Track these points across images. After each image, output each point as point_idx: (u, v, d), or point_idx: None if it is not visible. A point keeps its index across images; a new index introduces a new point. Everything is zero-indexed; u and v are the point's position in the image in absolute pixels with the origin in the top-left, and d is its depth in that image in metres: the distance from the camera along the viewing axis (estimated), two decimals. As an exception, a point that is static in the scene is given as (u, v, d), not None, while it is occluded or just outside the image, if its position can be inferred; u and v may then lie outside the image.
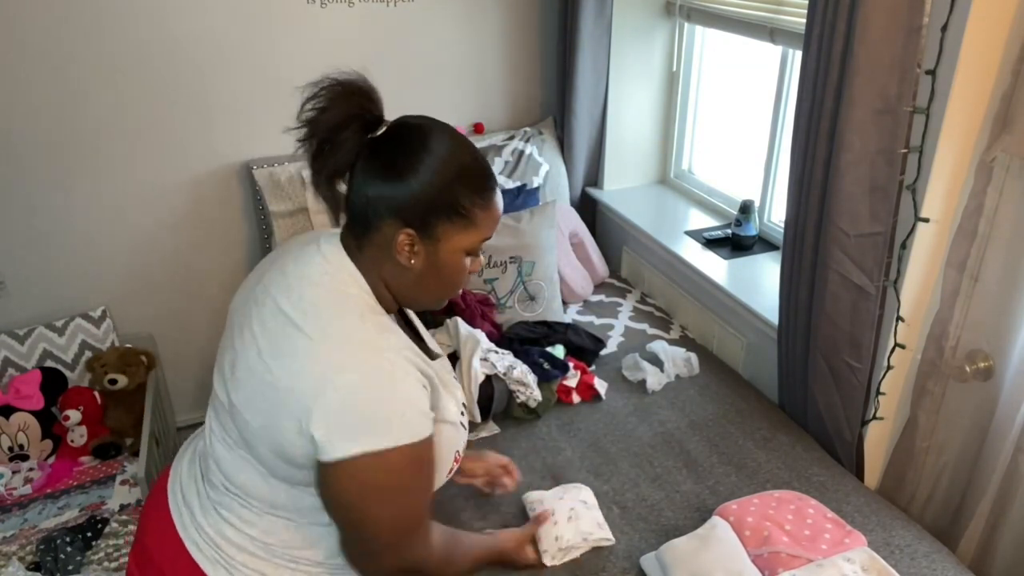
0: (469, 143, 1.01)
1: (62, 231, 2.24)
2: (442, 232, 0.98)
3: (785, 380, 1.91)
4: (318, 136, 0.95)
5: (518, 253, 2.25)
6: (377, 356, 0.93)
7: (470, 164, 0.99)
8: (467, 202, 0.97)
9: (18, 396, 2.06)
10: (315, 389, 0.90)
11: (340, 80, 0.96)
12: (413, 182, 0.94)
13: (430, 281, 1.02)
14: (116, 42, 2.11)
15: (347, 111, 0.95)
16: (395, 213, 0.95)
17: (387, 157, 0.96)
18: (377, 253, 0.99)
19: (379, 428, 0.90)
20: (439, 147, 0.96)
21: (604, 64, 2.52)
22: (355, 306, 0.97)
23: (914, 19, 1.36)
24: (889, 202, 1.50)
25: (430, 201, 0.95)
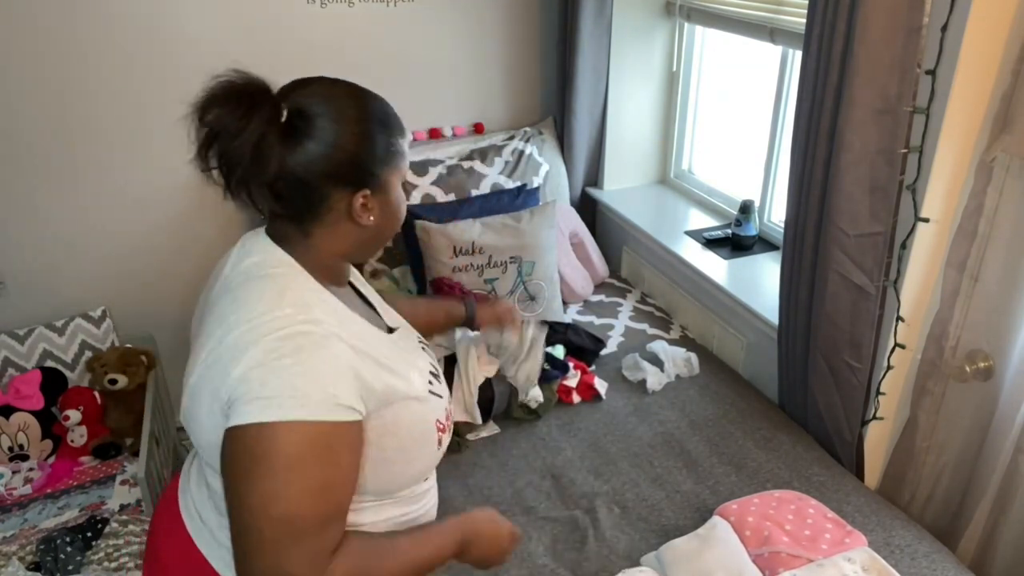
0: (365, 90, 1.00)
1: (62, 231, 2.24)
2: (386, 178, 0.98)
3: (785, 380, 1.91)
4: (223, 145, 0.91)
5: (518, 253, 2.25)
6: (287, 330, 0.87)
7: (384, 108, 0.99)
8: (394, 140, 0.98)
9: (18, 396, 2.06)
10: (222, 372, 0.87)
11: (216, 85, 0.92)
12: (345, 147, 0.93)
13: (387, 225, 1.02)
14: (116, 42, 2.11)
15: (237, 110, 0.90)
16: (340, 183, 0.94)
17: (305, 135, 0.92)
18: (329, 230, 0.97)
19: (269, 398, 0.84)
20: (347, 103, 0.96)
21: (604, 64, 2.52)
22: (274, 284, 0.93)
23: (914, 19, 1.36)
24: (889, 202, 1.50)
25: (368, 155, 0.95)
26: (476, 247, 2.22)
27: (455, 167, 2.46)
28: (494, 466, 1.77)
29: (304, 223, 0.97)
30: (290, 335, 0.87)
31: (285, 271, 0.96)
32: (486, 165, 2.49)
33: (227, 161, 0.92)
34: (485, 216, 2.29)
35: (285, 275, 0.95)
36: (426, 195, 2.41)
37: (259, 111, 0.91)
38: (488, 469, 1.76)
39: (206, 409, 0.90)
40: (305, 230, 0.98)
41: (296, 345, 0.86)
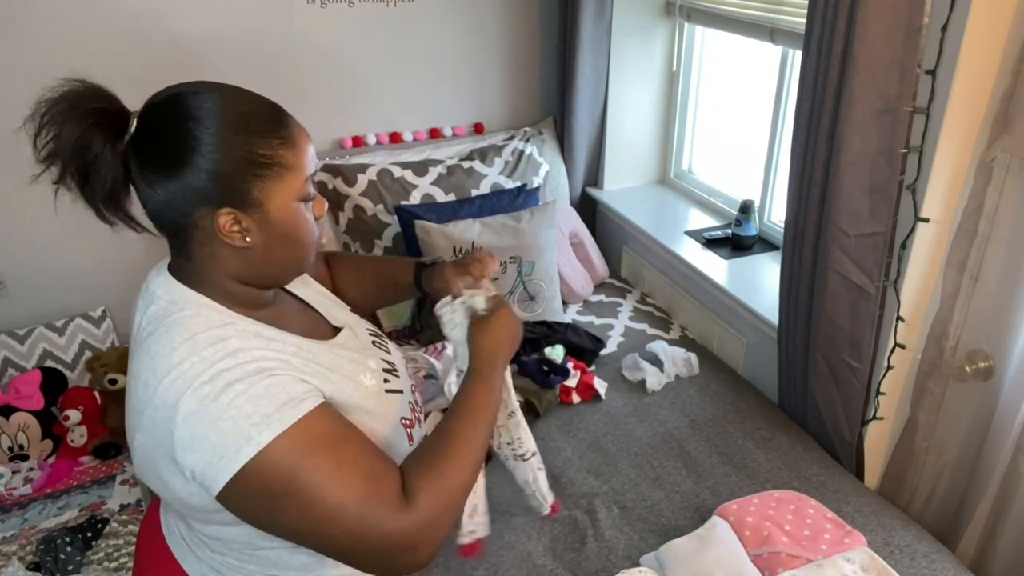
0: (235, 88, 0.88)
1: (62, 231, 2.24)
2: (259, 193, 0.86)
3: (785, 380, 1.91)
4: (72, 166, 0.84)
5: (518, 253, 2.25)
6: (207, 372, 0.82)
7: (247, 110, 0.86)
8: (266, 150, 0.85)
9: (18, 396, 2.05)
10: (167, 435, 0.82)
11: (56, 96, 0.84)
12: (198, 160, 0.82)
13: (279, 249, 0.91)
14: (116, 42, 2.11)
15: (80, 125, 0.83)
16: (200, 202, 0.84)
17: (155, 150, 0.84)
18: (207, 252, 0.89)
19: (235, 441, 0.80)
20: (203, 110, 0.84)
21: (604, 64, 2.52)
22: (185, 329, 0.86)
23: (914, 19, 1.36)
24: (889, 202, 1.50)
25: (228, 169, 0.83)
26: (476, 247, 2.22)
27: (455, 167, 2.46)
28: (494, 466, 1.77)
29: (182, 247, 0.90)
30: (212, 376, 0.82)
31: (192, 312, 0.88)
32: (486, 165, 2.49)
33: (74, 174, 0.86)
34: (485, 216, 2.29)
35: (193, 316, 0.88)
36: (426, 195, 2.41)
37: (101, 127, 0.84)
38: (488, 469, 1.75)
39: (165, 470, 0.85)
40: (185, 254, 0.90)
41: (224, 382, 0.82)
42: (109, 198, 0.87)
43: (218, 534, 0.94)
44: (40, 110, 0.84)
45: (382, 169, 2.39)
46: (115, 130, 0.85)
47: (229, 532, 0.92)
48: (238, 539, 0.93)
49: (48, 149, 0.84)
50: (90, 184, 0.86)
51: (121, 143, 0.85)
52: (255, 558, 0.96)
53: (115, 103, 0.86)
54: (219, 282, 0.91)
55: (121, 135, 0.85)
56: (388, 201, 2.37)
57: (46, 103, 0.84)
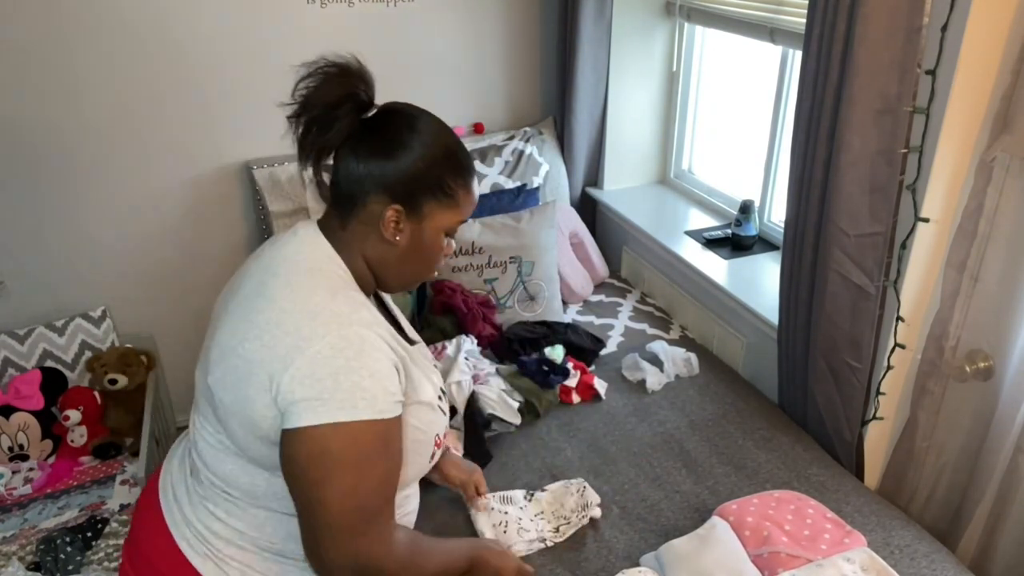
0: (451, 130, 1.06)
1: (62, 231, 2.24)
2: (428, 210, 1.02)
3: (785, 380, 1.91)
4: (310, 113, 0.98)
5: (518, 253, 2.25)
6: (346, 328, 0.93)
7: (455, 147, 1.04)
8: (452, 182, 1.02)
9: (18, 396, 2.06)
10: (283, 359, 0.91)
11: (336, 61, 0.99)
12: (403, 159, 0.98)
13: (411, 259, 1.05)
14: (116, 42, 2.11)
15: (342, 90, 0.98)
16: (383, 189, 0.99)
17: (377, 136, 1.00)
18: (362, 230, 1.02)
19: (343, 400, 0.90)
20: (426, 129, 1.01)
21: (604, 64, 2.52)
22: (327, 280, 0.99)
23: (914, 19, 1.36)
24: (889, 202, 1.50)
25: (418, 178, 0.99)
26: (476, 247, 2.23)
27: (455, 167, 2.46)
28: (494, 466, 1.77)
29: (344, 215, 1.03)
30: (349, 336, 0.93)
31: (333, 269, 1.01)
32: (486, 165, 2.49)
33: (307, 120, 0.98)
34: (485, 216, 2.29)
35: (334, 272, 1.01)
36: (426, 195, 2.41)
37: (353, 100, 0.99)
38: (488, 469, 1.76)
39: (257, 387, 0.93)
40: (343, 222, 1.03)
41: (358, 346, 0.93)
42: (320, 152, 1.01)
43: (231, 474, 1.01)
44: (319, 63, 0.98)
45: (382, 169, 2.39)
46: (360, 107, 1.01)
47: (243, 476, 1.00)
48: (246, 486, 1.00)
49: (303, 94, 0.98)
50: (317, 133, 0.99)
51: (358, 118, 1.01)
52: (248, 515, 1.02)
53: (371, 90, 1.02)
54: (353, 255, 1.04)
55: (361, 113, 1.01)
56: (388, 201, 2.37)
57: (326, 62, 0.98)
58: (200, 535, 1.04)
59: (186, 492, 1.07)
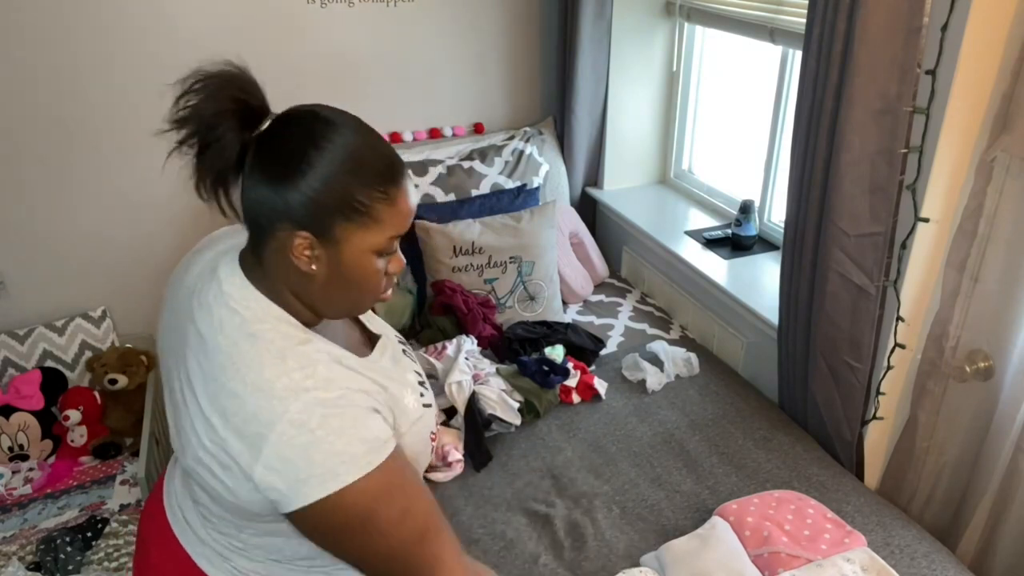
0: (369, 131, 0.91)
1: (62, 231, 2.24)
2: (340, 233, 0.88)
3: (785, 380, 1.91)
4: (193, 136, 0.87)
5: (518, 253, 2.25)
6: (304, 397, 0.85)
7: (367, 156, 0.88)
8: (364, 198, 0.87)
9: (18, 396, 2.06)
10: (250, 449, 0.84)
11: (211, 72, 0.87)
12: (301, 182, 0.85)
13: (338, 287, 0.92)
14: (116, 42, 2.11)
15: (218, 105, 0.86)
16: (287, 216, 0.86)
17: (272, 156, 0.87)
18: (278, 260, 0.90)
19: (323, 475, 0.83)
20: (330, 140, 0.86)
21: (604, 64, 2.52)
22: (271, 345, 0.88)
23: (914, 19, 1.36)
24: (889, 202, 1.50)
25: (322, 200, 0.85)
26: (476, 247, 2.23)
27: (455, 167, 2.46)
28: (494, 466, 1.77)
29: (256, 245, 0.92)
30: (308, 406, 0.85)
31: (271, 326, 0.90)
32: (486, 165, 2.49)
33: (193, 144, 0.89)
34: (485, 216, 2.29)
35: (273, 331, 0.90)
36: (426, 195, 2.41)
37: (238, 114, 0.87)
38: (488, 469, 1.76)
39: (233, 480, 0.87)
40: (258, 253, 0.93)
41: (320, 414, 0.85)
42: (215, 176, 0.90)
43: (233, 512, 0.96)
44: (194, 77, 0.87)
45: (382, 169, 2.38)
46: (248, 122, 0.88)
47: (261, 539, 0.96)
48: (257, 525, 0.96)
49: (184, 113, 0.87)
50: (205, 158, 0.88)
51: (248, 135, 0.88)
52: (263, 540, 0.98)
53: (259, 99, 0.89)
54: (282, 292, 0.93)
55: (251, 128, 0.88)
56: (388, 201, 2.36)
57: (203, 74, 0.87)
58: (220, 554, 1.01)
59: (196, 517, 1.03)
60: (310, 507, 0.84)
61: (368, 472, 0.86)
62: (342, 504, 0.85)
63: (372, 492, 0.87)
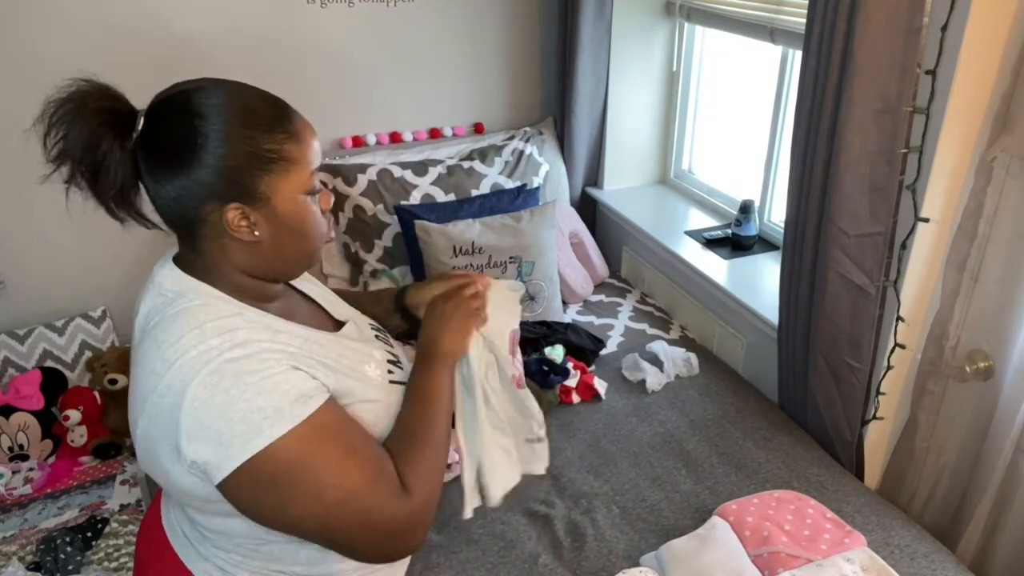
0: (238, 84, 0.90)
1: (62, 231, 2.24)
2: (265, 187, 0.86)
3: (785, 380, 1.91)
4: (82, 165, 0.84)
5: (518, 253, 2.25)
6: (215, 361, 0.82)
7: (252, 104, 0.87)
8: (271, 144, 0.86)
9: (18, 396, 2.05)
10: (170, 425, 0.82)
11: (64, 96, 0.84)
12: (205, 156, 0.83)
13: (287, 243, 0.91)
14: (116, 42, 2.11)
15: (89, 124, 0.83)
16: (208, 197, 0.85)
17: (163, 147, 0.85)
18: (217, 245, 0.89)
19: (245, 431, 0.81)
20: (209, 106, 0.85)
21: (604, 64, 2.52)
22: (192, 320, 0.86)
23: (914, 19, 1.36)
24: (889, 202, 1.50)
25: (234, 164, 0.84)
26: (476, 247, 2.23)
27: (455, 167, 2.46)
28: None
29: (190, 240, 0.91)
30: (221, 367, 0.82)
31: (200, 302, 0.88)
32: (486, 165, 2.49)
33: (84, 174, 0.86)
34: (485, 216, 2.29)
35: (201, 306, 0.88)
36: (426, 195, 2.41)
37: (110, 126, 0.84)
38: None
39: (166, 459, 0.85)
40: (195, 248, 0.91)
41: (232, 372, 0.82)
42: (119, 195, 0.88)
43: (222, 528, 0.94)
44: (49, 110, 0.84)
45: (382, 169, 2.39)
46: (123, 128, 0.85)
47: (232, 525, 0.92)
48: (242, 533, 0.94)
49: (58, 149, 0.84)
50: (100, 183, 0.86)
51: (129, 141, 0.85)
52: (260, 553, 0.96)
53: (122, 102, 0.87)
54: (228, 275, 0.92)
55: (129, 133, 0.86)
56: (388, 201, 2.37)
57: (54, 103, 0.84)
58: (222, 569, 0.99)
59: (194, 532, 1.01)
60: (238, 470, 0.81)
61: (294, 425, 0.83)
62: (273, 458, 0.82)
63: (303, 443, 0.83)
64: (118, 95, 0.87)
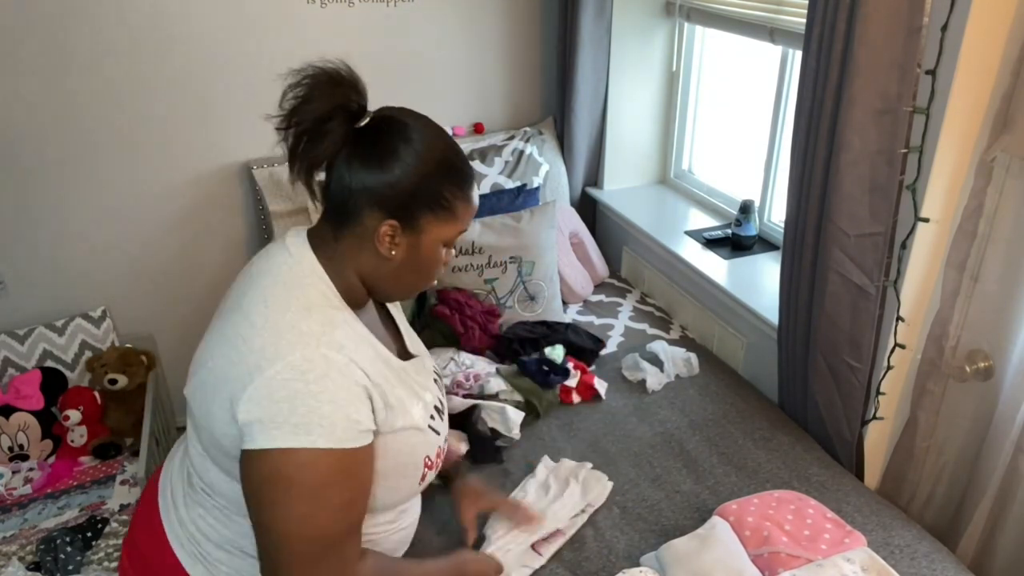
0: (448, 136, 1.01)
1: (62, 231, 2.24)
2: (424, 223, 0.98)
3: (785, 380, 1.91)
4: (300, 126, 0.94)
5: (518, 253, 2.25)
6: (312, 350, 0.89)
7: (452, 157, 0.99)
8: (449, 194, 0.98)
9: (18, 396, 2.06)
10: (244, 378, 0.88)
11: (325, 69, 0.95)
12: (397, 172, 0.94)
13: (407, 272, 1.01)
14: (115, 42, 2.11)
15: (333, 101, 0.94)
16: (378, 204, 0.95)
17: (370, 147, 0.95)
18: (355, 243, 0.98)
19: (297, 425, 0.86)
20: (422, 138, 0.96)
21: (604, 64, 2.52)
22: (304, 296, 0.95)
23: (914, 19, 1.36)
24: (889, 202, 1.50)
25: (414, 192, 0.95)
26: (476, 247, 2.23)
27: (455, 167, 2.46)
28: (494, 466, 1.77)
29: (338, 227, 0.99)
30: (313, 358, 0.89)
31: (313, 282, 0.97)
32: (486, 165, 2.49)
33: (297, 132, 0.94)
34: (485, 216, 2.29)
35: (313, 287, 0.96)
36: (426, 195, 2.41)
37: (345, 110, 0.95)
38: (488, 469, 1.76)
39: (219, 404, 0.91)
40: (336, 235, 0.99)
41: (322, 370, 0.89)
42: (312, 165, 0.96)
43: (214, 482, 0.99)
44: (307, 71, 0.94)
45: (382, 169, 2.38)
46: (352, 117, 0.96)
47: (225, 485, 0.97)
48: (228, 496, 0.98)
49: (293, 105, 0.94)
50: (309, 146, 0.94)
51: (350, 129, 0.96)
52: (233, 523, 1.01)
53: (363, 97, 0.98)
54: (347, 272, 1.00)
55: (354, 122, 0.96)
56: (388, 201, 2.37)
57: (314, 70, 0.94)
58: (192, 537, 1.04)
59: (183, 494, 1.07)
60: (270, 451, 0.87)
61: (334, 448, 0.88)
62: (298, 463, 0.87)
63: (332, 467, 0.89)
64: (363, 90, 0.98)
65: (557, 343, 2.10)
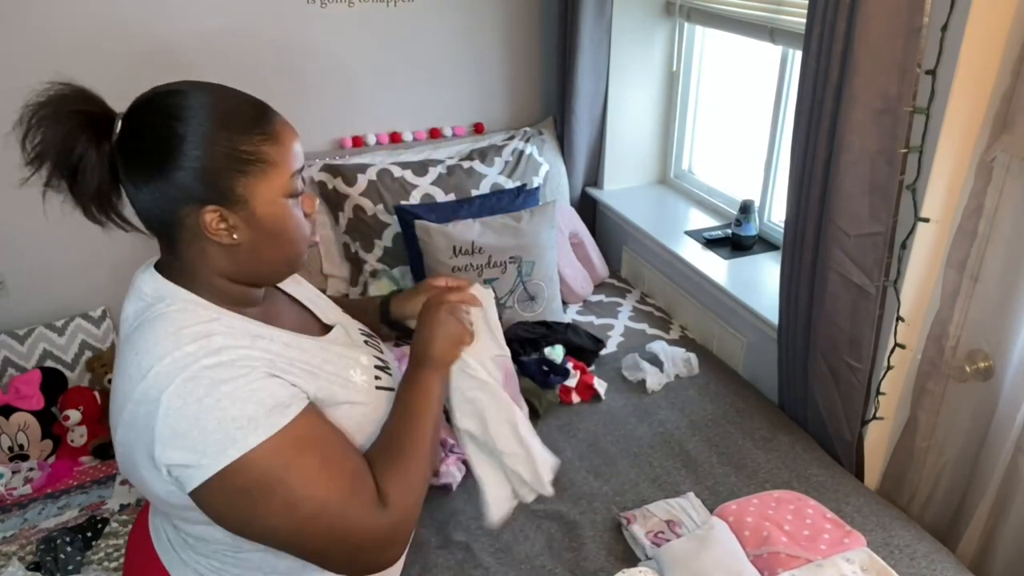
0: (217, 86, 0.89)
1: (62, 231, 2.24)
2: (243, 189, 0.86)
3: (785, 380, 1.91)
4: (59, 168, 0.85)
5: (518, 253, 2.25)
6: (192, 370, 0.82)
7: (231, 106, 0.87)
8: (249, 147, 0.85)
9: (18, 396, 2.06)
10: (146, 432, 0.82)
11: (42, 100, 0.84)
12: (181, 158, 0.83)
13: (267, 247, 0.90)
14: (115, 42, 2.11)
15: (65, 127, 0.83)
16: (185, 199, 0.84)
17: (140, 150, 0.84)
18: (195, 249, 0.89)
19: (219, 441, 0.80)
20: (186, 108, 0.84)
21: (604, 64, 2.52)
22: (169, 325, 0.85)
23: (914, 19, 1.36)
24: (889, 202, 1.50)
25: (211, 166, 0.83)
26: (476, 247, 2.23)
27: (455, 167, 2.46)
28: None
29: (169, 244, 0.90)
30: (197, 375, 0.81)
31: (179, 307, 0.88)
32: (486, 165, 2.49)
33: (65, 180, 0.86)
34: (485, 216, 2.29)
35: (178, 311, 0.87)
36: (426, 195, 2.41)
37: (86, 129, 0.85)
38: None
39: (143, 466, 0.85)
40: (175, 252, 0.91)
41: (207, 381, 0.81)
42: (98, 199, 0.88)
43: (202, 534, 0.94)
44: (27, 113, 0.84)
45: (382, 169, 2.39)
46: (100, 132, 0.85)
47: (212, 532, 0.92)
48: (221, 540, 0.93)
49: (35, 151, 0.85)
50: (78, 185, 0.86)
51: (107, 145, 0.86)
52: (239, 560, 0.96)
53: (100, 105, 0.87)
54: (209, 280, 0.91)
55: (107, 137, 0.86)
56: (388, 201, 2.37)
57: (33, 106, 0.84)
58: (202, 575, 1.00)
59: (176, 537, 1.01)
60: (214, 479, 0.80)
61: (270, 435, 0.82)
62: (246, 470, 0.81)
63: (278, 453, 0.83)
64: (95, 98, 0.87)
65: (557, 343, 2.10)
